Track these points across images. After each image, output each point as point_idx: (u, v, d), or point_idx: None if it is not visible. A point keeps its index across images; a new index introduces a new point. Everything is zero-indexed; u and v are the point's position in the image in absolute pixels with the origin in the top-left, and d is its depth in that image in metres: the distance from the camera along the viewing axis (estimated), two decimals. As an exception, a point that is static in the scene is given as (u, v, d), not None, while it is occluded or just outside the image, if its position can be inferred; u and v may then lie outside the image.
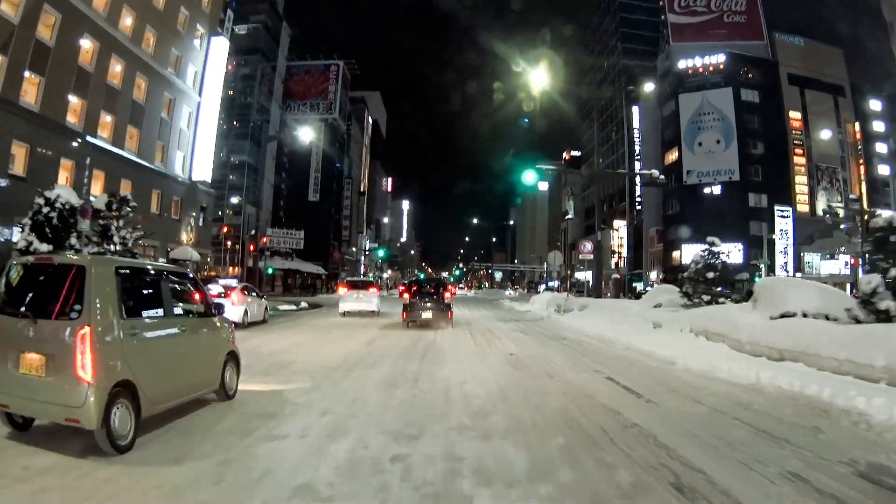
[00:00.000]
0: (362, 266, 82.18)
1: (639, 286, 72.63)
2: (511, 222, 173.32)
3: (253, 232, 50.42)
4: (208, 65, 32.93)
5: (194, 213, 31.90)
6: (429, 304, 16.00)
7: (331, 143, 65.84)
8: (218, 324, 5.95)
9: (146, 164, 27.58)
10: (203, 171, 31.84)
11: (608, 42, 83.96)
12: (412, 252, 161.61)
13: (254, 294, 17.15)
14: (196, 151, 31.72)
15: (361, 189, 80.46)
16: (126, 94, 26.37)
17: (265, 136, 58.12)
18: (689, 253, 59.11)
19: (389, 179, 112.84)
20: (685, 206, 58.73)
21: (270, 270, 46.81)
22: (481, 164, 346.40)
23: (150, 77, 27.96)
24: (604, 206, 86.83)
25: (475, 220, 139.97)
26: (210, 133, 32.51)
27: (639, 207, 69.43)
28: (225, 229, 43.69)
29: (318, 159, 63.73)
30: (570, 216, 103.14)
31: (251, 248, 47.26)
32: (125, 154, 26.07)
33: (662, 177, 18.21)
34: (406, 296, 17.24)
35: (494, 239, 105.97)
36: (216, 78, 33.45)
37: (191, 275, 6.10)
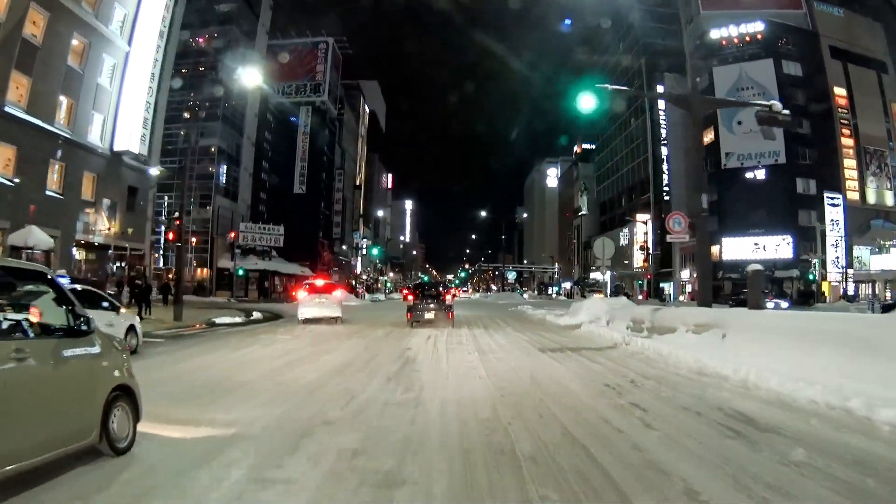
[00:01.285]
0: (358, 268, 74.83)
1: (667, 287, 65.04)
2: (519, 220, 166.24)
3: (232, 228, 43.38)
4: (143, 7, 25.69)
5: (127, 196, 24.63)
6: (431, 306, 16.56)
7: (319, 129, 58.67)
8: (96, 347, 4.11)
9: (40, 123, 20.31)
10: (130, 140, 24.56)
11: (625, 19, 76.37)
12: (414, 252, 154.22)
13: (104, 305, 9.85)
14: (121, 115, 24.46)
15: (357, 183, 73.26)
16: (9, 26, 19.18)
17: (248, 123, 51.04)
18: (732, 248, 51.69)
19: (390, 176, 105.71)
20: (725, 194, 51.03)
21: (241, 272, 39.49)
22: (485, 165, 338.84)
23: (50, 10, 20.78)
24: (622, 200, 79.27)
25: (483, 213, 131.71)
26: (141, 93, 25.26)
27: (666, 198, 61.73)
28: (177, 222, 36.36)
29: (305, 147, 56.60)
30: (583, 212, 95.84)
31: (233, 240, 40.18)
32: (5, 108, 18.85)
33: (787, 112, 10.23)
34: (410, 298, 18.32)
35: (504, 235, 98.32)
36: (153, 25, 26.23)
37: (49, 275, 4.08)
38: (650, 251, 60.99)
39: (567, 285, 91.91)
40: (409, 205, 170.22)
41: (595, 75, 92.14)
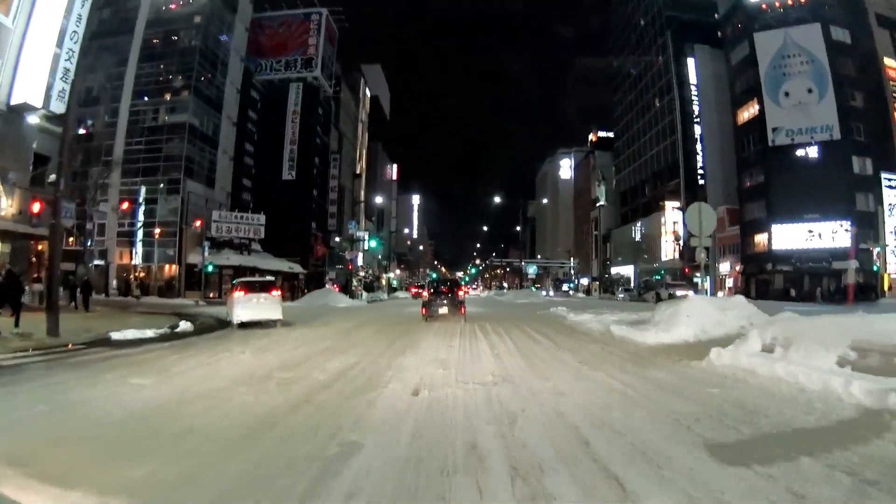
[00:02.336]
0: (359, 263, 68.96)
1: (700, 282, 58.59)
2: (531, 214, 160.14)
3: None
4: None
5: (33, 166, 18.84)
6: (444, 302, 17.41)
7: (312, 109, 52.81)
8: None
9: None
10: (33, 91, 18.73)
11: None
12: (420, 248, 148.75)
13: None
14: (25, 58, 18.70)
15: (357, 171, 67.43)
16: None
17: (228, 101, 45.35)
18: (783, 236, 45.15)
19: (395, 167, 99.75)
20: (773, 175, 44.62)
21: (210, 268, 33.57)
22: (495, 159, 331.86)
23: None
24: (645, 188, 72.75)
25: (495, 200, 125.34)
26: (52, 30, 19.41)
27: (701, 181, 55.27)
28: (124, 205, 30.76)
29: (295, 128, 50.83)
30: (601, 203, 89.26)
31: (198, 230, 34.41)
32: None
33: None
34: (425, 294, 19.70)
35: (519, 227, 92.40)
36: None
37: None
38: (683, 242, 54.57)
39: (584, 281, 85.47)
40: (416, 199, 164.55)
41: (614, 53, 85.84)
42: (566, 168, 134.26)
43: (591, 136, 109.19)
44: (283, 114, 51.10)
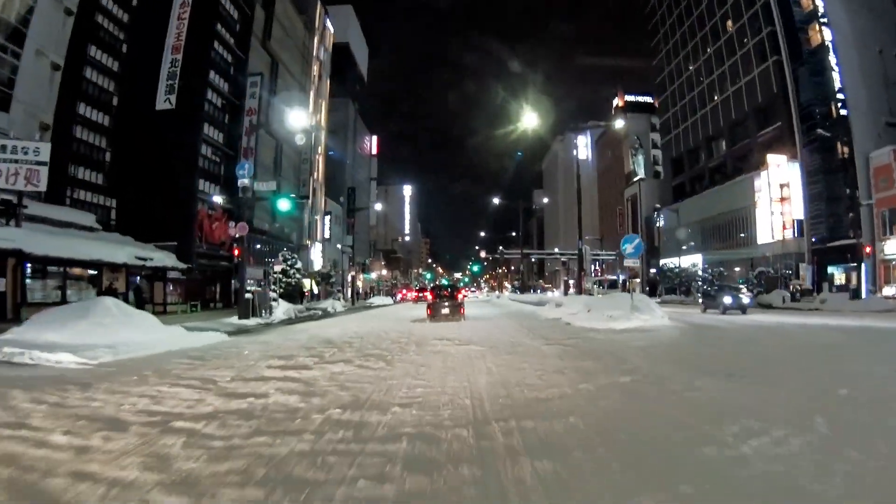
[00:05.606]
0: (316, 257, 48.69)
1: (836, 273, 38.17)
2: (537, 207, 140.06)
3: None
4: None
5: None
6: (446, 304, 19.12)
7: (213, 6, 32.65)
8: None
9: None
10: None
11: None
12: (407, 237, 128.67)
13: None
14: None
15: (310, 124, 47.10)
16: None
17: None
18: None
19: (374, 138, 79.46)
20: None
21: None
22: (495, 151, 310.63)
23: None
24: (713, 147, 52.66)
25: (496, 199, 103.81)
26: None
27: (843, 111, 35.01)
28: None
29: (182, 29, 30.64)
30: (639, 177, 69.22)
31: None
32: None
33: None
34: (429, 296, 22.33)
35: (525, 215, 72.19)
36: None
37: None
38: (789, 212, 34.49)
39: (616, 277, 65.21)
40: (407, 191, 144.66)
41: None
42: (581, 147, 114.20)
43: (616, 102, 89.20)
44: (167, 7, 30.98)
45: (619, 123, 71.04)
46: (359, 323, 18.46)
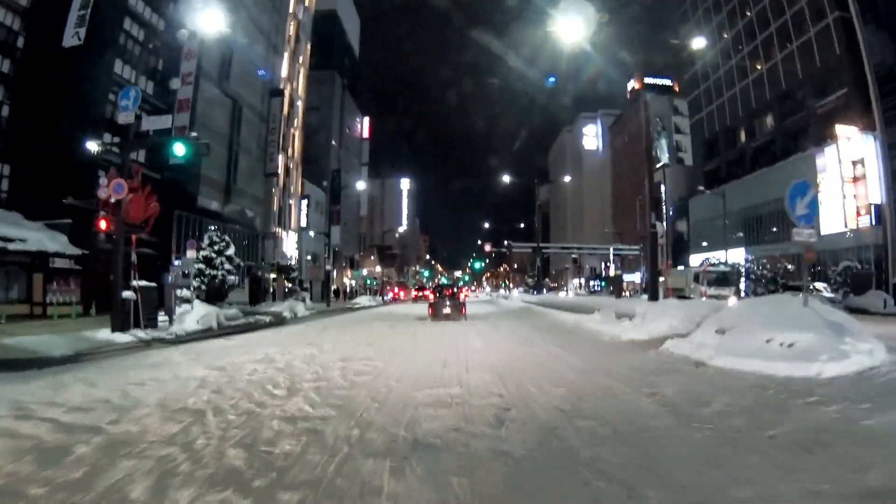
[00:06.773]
0: (292, 247, 41.38)
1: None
2: (540, 202, 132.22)
3: None
4: None
5: None
6: (448, 303, 19.35)
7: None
8: None
9: None
10: None
11: None
12: (402, 229, 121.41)
13: None
14: None
15: (282, 87, 39.73)
16: None
17: None
18: None
19: (366, 120, 72.02)
20: None
21: None
22: (497, 147, 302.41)
23: None
24: (755, 125, 45.24)
25: (503, 179, 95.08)
26: None
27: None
28: None
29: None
30: (663, 163, 61.81)
31: None
32: None
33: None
34: (431, 296, 22.95)
35: (539, 184, 65.09)
36: None
37: None
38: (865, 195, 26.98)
39: (631, 278, 57.92)
40: (405, 184, 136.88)
41: None
42: (592, 136, 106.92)
43: (633, 84, 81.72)
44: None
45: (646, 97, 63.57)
46: (302, 343, 11.02)
